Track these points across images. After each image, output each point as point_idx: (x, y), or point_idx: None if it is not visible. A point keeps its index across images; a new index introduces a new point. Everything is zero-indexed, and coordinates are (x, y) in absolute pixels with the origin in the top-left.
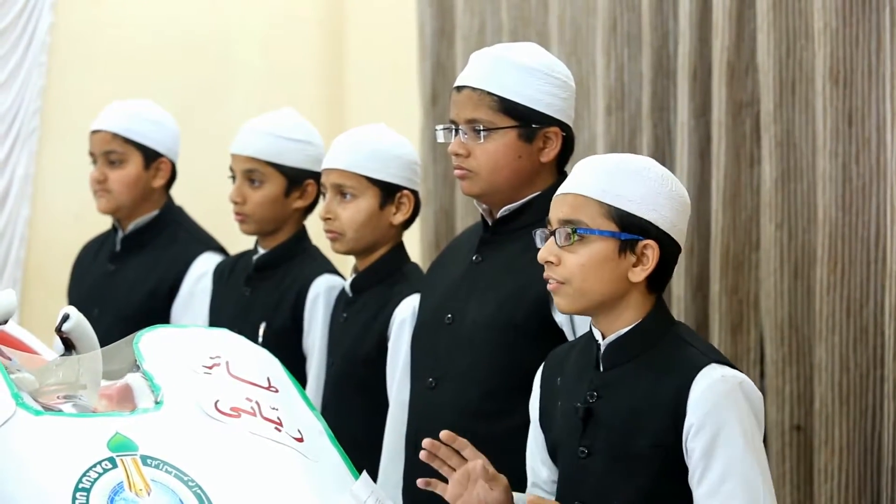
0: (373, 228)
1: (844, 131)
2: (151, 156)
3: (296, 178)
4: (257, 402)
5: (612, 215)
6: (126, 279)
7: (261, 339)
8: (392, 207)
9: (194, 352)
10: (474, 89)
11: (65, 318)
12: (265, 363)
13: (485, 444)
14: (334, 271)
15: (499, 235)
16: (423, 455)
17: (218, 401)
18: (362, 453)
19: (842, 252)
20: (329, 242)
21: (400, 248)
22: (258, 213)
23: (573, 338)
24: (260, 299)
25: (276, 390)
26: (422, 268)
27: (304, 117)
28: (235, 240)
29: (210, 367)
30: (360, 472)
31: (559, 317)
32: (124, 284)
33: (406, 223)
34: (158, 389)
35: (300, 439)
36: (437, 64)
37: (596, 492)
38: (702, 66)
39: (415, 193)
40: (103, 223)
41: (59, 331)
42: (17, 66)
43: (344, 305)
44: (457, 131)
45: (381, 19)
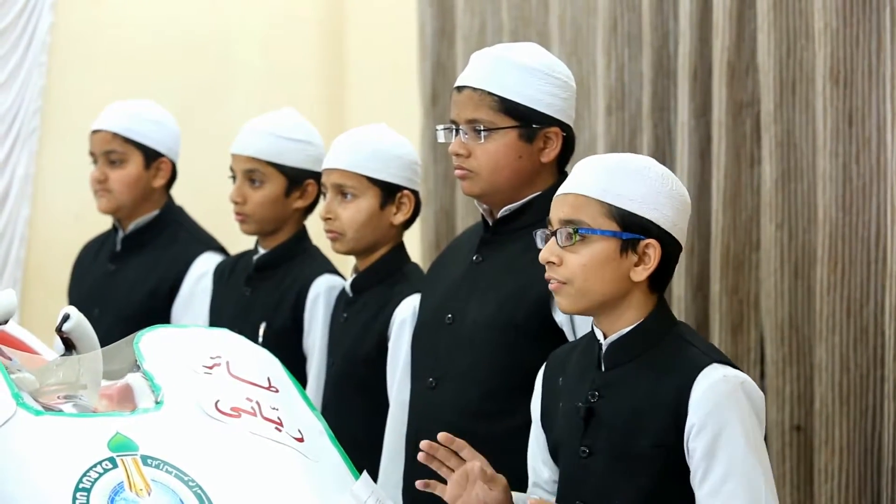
0: (373, 228)
1: (845, 131)
2: (152, 156)
3: (296, 178)
4: (258, 402)
5: (614, 215)
6: (126, 279)
7: (261, 339)
8: (392, 207)
9: (195, 352)
10: (475, 89)
11: (65, 318)
12: (265, 363)
13: (485, 444)
14: (334, 271)
15: (499, 235)
16: (421, 456)
17: (218, 401)
18: (362, 453)
19: (842, 252)
20: (329, 242)
21: (400, 249)
22: (258, 213)
23: (573, 338)
24: (260, 299)
25: (277, 390)
26: (422, 268)
27: (305, 117)
28: (236, 240)
29: (210, 367)
30: (360, 472)
31: (559, 317)
32: (125, 284)
33: (406, 223)
34: (159, 389)
35: (300, 439)
36: (438, 64)
37: (597, 492)
38: (702, 66)
39: (415, 193)
40: (103, 223)
41: (59, 331)
42: (17, 65)
43: (344, 305)
44: (457, 131)
45: (381, 19)
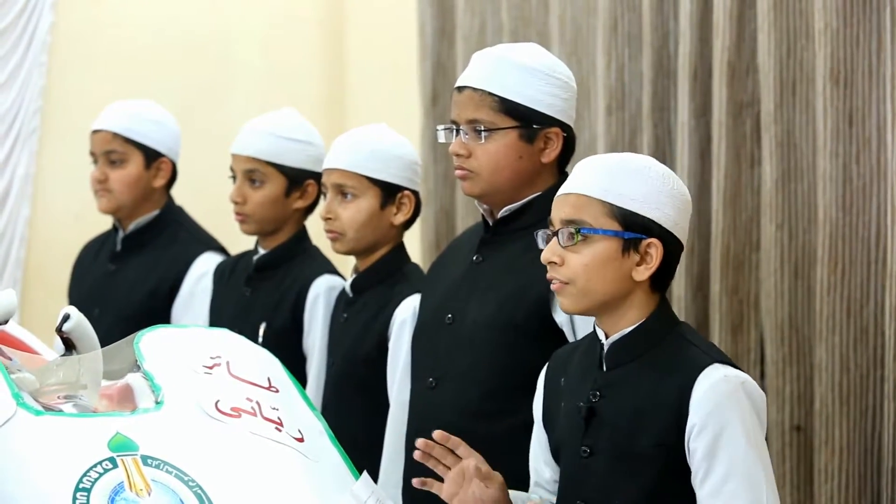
0: (373, 228)
1: (845, 131)
2: (152, 156)
3: (296, 178)
4: (258, 402)
5: (615, 214)
6: (126, 279)
7: (261, 339)
8: (393, 208)
9: (195, 352)
10: (475, 90)
11: (65, 318)
12: (266, 363)
13: (485, 444)
14: (334, 271)
15: (499, 236)
16: (416, 455)
17: (218, 401)
18: (362, 453)
19: (842, 252)
20: (329, 242)
21: (400, 249)
22: (258, 214)
23: (573, 338)
24: (260, 299)
25: (277, 390)
26: (422, 268)
27: (305, 117)
28: (236, 240)
29: (210, 367)
30: (360, 472)
31: (559, 317)
32: (125, 284)
33: (407, 223)
34: (159, 389)
35: (300, 439)
36: (438, 64)
37: (598, 491)
38: (702, 66)
39: (415, 194)
40: (104, 223)
41: (59, 331)
42: (17, 65)
43: (344, 305)
44: (458, 131)
45: (381, 19)
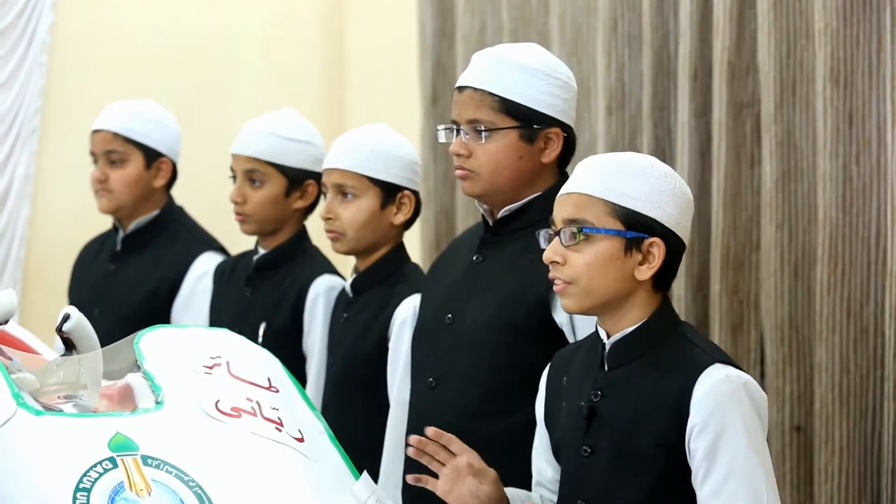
0: (373, 228)
1: (845, 132)
2: (152, 155)
3: (296, 178)
4: (258, 402)
5: (618, 214)
6: (127, 279)
7: (261, 339)
8: (393, 207)
9: (195, 352)
10: (476, 90)
11: (65, 318)
12: (266, 363)
13: (485, 444)
14: (334, 271)
15: (499, 236)
16: (410, 451)
17: (218, 401)
18: (363, 453)
19: (842, 252)
20: (330, 242)
21: (400, 249)
22: (259, 214)
23: (573, 338)
24: (260, 299)
25: (277, 390)
26: (422, 268)
27: (305, 117)
28: (236, 240)
29: (210, 367)
30: (360, 472)
31: (559, 317)
32: (125, 284)
33: (407, 223)
34: (159, 389)
35: (301, 439)
36: (438, 64)
37: (599, 491)
38: (702, 66)
39: (415, 194)
40: (104, 223)
41: (59, 331)
42: (17, 65)
43: (344, 305)
44: (458, 131)
45: (381, 19)
